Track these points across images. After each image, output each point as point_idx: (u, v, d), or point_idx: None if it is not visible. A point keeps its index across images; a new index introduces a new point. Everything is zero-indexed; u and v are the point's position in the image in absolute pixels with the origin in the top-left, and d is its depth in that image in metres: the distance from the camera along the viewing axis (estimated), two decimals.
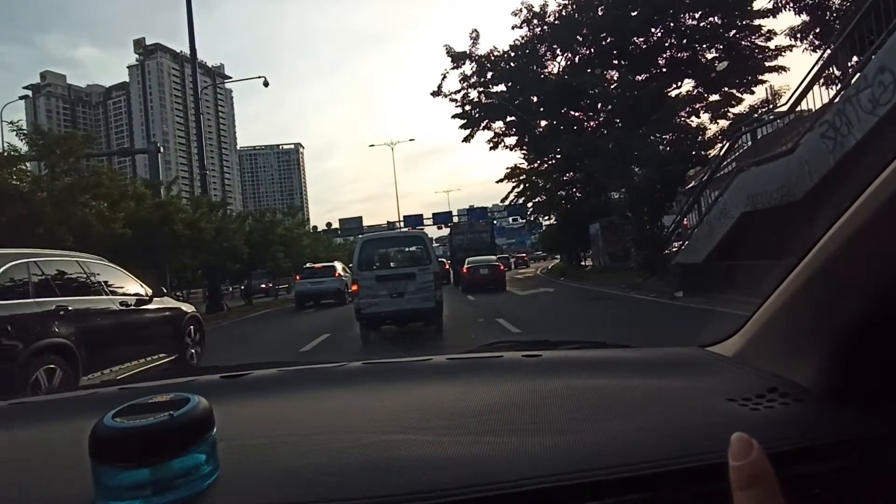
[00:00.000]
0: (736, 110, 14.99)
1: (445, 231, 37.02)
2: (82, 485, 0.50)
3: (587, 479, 0.53)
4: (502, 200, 37.06)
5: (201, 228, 12.32)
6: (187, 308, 7.11)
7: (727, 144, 11.46)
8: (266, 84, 18.41)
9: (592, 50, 17.13)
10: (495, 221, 42.02)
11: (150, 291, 6.18)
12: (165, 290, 7.49)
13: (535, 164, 31.31)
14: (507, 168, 33.28)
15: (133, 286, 6.01)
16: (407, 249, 9.15)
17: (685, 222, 13.36)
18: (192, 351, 6.81)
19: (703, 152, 13.17)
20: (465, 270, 18.77)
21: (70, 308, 4.75)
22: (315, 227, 51.80)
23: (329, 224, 53.48)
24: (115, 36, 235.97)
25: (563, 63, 18.68)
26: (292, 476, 0.55)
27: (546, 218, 37.26)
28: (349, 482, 0.53)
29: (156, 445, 0.48)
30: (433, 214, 45.12)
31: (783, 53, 14.66)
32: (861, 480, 0.57)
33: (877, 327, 0.58)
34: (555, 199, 32.69)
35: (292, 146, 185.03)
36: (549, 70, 18.45)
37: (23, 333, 4.22)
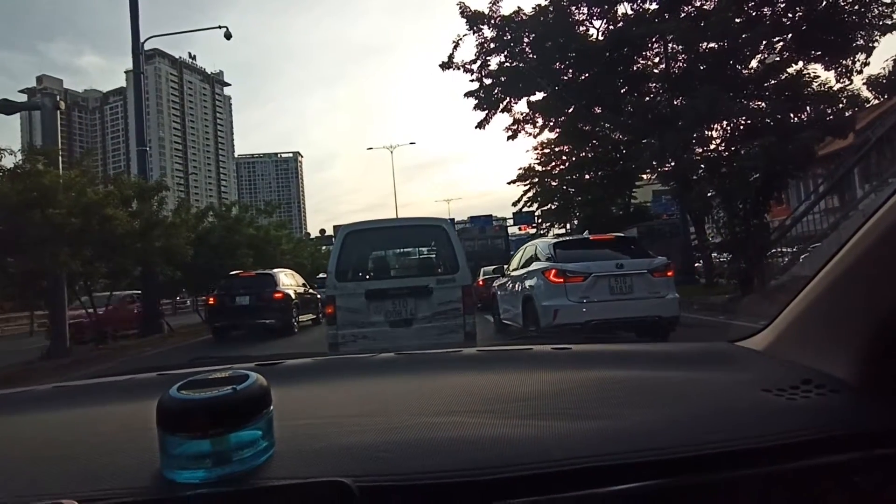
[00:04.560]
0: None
1: None
2: (151, 455, 0.52)
3: (624, 461, 0.54)
4: (514, 204, 33.84)
5: (107, 217, 8.38)
6: (319, 295, 13.68)
7: None
8: (228, 36, 14.67)
9: (642, 7, 13.68)
10: None
11: (308, 285, 14.21)
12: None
13: (550, 166, 27.98)
14: (520, 169, 30.12)
15: (302, 281, 14.05)
16: (417, 249, 6.42)
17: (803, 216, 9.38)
18: (320, 315, 13.56)
19: (850, 108, 9.00)
20: (480, 283, 15.00)
21: (296, 289, 12.72)
22: (308, 234, 48.13)
23: (323, 231, 49.77)
24: (117, 43, 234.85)
25: (601, 31, 15.43)
26: (344, 454, 0.55)
27: (560, 226, 33.73)
28: (399, 459, 0.54)
29: (220, 417, 0.49)
30: None
31: None
32: None
33: None
34: (572, 203, 29.26)
35: (291, 155, 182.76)
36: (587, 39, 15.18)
37: (291, 298, 12.00)
